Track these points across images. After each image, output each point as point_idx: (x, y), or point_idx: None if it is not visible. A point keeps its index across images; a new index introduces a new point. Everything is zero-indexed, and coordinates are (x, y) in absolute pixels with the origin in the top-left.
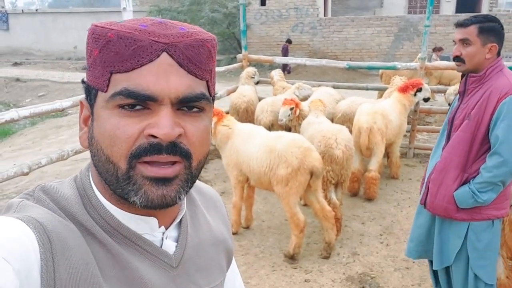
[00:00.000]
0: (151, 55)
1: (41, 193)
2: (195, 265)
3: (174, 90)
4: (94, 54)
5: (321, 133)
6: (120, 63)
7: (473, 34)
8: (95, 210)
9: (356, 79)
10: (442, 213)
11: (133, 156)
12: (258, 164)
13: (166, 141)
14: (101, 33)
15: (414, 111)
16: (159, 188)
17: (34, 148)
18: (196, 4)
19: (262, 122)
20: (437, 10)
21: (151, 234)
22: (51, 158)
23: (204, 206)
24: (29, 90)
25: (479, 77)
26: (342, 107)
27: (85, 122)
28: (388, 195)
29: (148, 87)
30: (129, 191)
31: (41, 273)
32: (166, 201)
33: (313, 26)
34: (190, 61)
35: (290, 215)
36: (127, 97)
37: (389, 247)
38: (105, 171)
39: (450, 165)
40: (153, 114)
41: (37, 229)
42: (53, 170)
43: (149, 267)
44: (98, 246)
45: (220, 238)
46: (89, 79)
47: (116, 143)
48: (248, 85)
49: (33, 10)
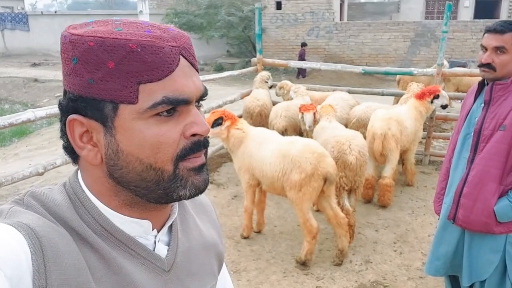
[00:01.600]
0: (176, 60)
1: (31, 198)
2: (186, 270)
3: (198, 89)
4: (109, 67)
5: (334, 138)
6: (149, 72)
7: (509, 42)
8: (89, 213)
9: (372, 84)
10: (480, 228)
11: (178, 157)
12: (271, 169)
13: (204, 136)
14: (117, 45)
15: (430, 118)
16: (201, 175)
17: (50, 148)
18: (213, 7)
19: (275, 127)
20: (454, 15)
21: (144, 238)
22: (66, 158)
23: (194, 210)
24: (46, 90)
25: (506, 84)
26: (357, 113)
27: (82, 139)
28: (403, 203)
29: (184, 91)
30: (177, 187)
31: (33, 279)
32: (206, 184)
33: (329, 30)
34: (195, 59)
35: (303, 221)
36: (169, 104)
37: (402, 255)
38: (141, 180)
39: (487, 178)
40: (183, 115)
41: (28, 235)
42: (68, 171)
43: (142, 271)
44: (90, 251)
45: (211, 243)
46: (97, 93)
47: (161, 149)
48: (262, 89)
49: (52, 12)
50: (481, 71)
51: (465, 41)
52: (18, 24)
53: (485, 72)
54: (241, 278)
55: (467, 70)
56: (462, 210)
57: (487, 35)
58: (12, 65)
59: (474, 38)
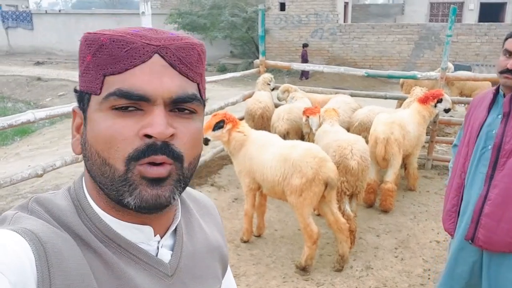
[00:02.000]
0: (143, 56)
1: (35, 204)
2: (190, 274)
3: (167, 90)
4: (87, 60)
5: (336, 142)
6: (113, 65)
7: None
8: (90, 220)
9: (376, 86)
10: (504, 248)
11: (131, 158)
12: (272, 173)
13: (160, 140)
14: (94, 39)
15: (434, 122)
16: (153, 188)
17: (52, 148)
18: (217, 8)
19: (277, 130)
20: (459, 18)
21: (146, 243)
22: (66, 160)
23: (198, 213)
24: (49, 89)
25: None
26: (359, 116)
27: (77, 130)
28: (404, 208)
29: (141, 87)
30: (124, 192)
31: (38, 285)
32: (160, 201)
33: (332, 32)
34: (182, 62)
35: (303, 226)
36: (121, 97)
37: (404, 261)
38: (101, 174)
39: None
40: (146, 115)
41: (32, 241)
42: (69, 171)
43: (145, 276)
44: (93, 256)
45: (215, 245)
46: (82, 85)
47: (113, 144)
48: (265, 91)
49: (56, 11)
50: (503, 77)
51: (469, 44)
52: (22, 22)
53: (508, 78)
54: (241, 283)
55: (471, 74)
56: (484, 230)
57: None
58: (16, 63)
59: (479, 42)
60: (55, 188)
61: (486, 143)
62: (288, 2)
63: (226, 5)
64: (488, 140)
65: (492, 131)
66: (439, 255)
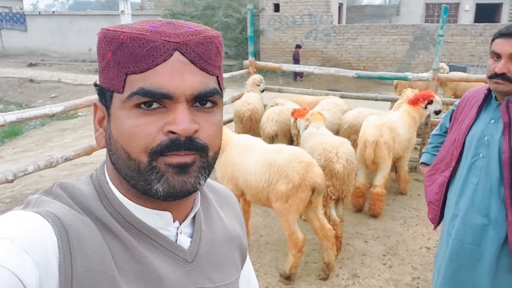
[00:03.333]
0: (164, 55)
1: (58, 189)
2: (209, 261)
3: (189, 87)
4: (107, 57)
5: (321, 145)
6: (135, 64)
7: None
8: (111, 205)
9: (369, 87)
10: None
11: (154, 152)
12: (256, 179)
13: (184, 136)
14: (113, 36)
15: (425, 124)
16: (180, 175)
17: (37, 150)
18: (210, 8)
19: (266, 131)
20: (455, 19)
21: (165, 229)
22: (39, 165)
23: (217, 203)
24: (42, 91)
25: None
26: (349, 118)
27: (99, 123)
28: (394, 212)
29: (163, 85)
30: (152, 180)
31: (59, 266)
32: (186, 187)
33: (327, 33)
34: (201, 58)
35: (288, 234)
36: (144, 95)
37: (392, 269)
38: (127, 167)
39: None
40: (169, 112)
41: (55, 223)
42: (51, 175)
43: (164, 261)
44: (114, 240)
45: (234, 235)
46: (103, 82)
47: (135, 139)
48: (254, 92)
49: (50, 12)
50: (493, 82)
51: (465, 45)
52: (16, 24)
53: (498, 84)
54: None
55: (464, 75)
56: None
57: (500, 40)
58: (9, 65)
59: (474, 42)
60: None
61: (478, 150)
62: (282, 3)
63: (219, 6)
64: (480, 148)
65: (484, 137)
66: (429, 262)
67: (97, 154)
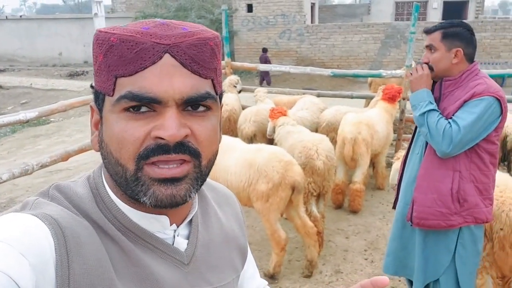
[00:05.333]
0: (153, 57)
1: (55, 191)
2: (206, 263)
3: (178, 91)
4: (99, 60)
5: (301, 143)
6: (124, 67)
7: (437, 40)
8: (108, 208)
9: (344, 86)
10: (437, 220)
11: (140, 157)
12: (236, 179)
13: (173, 142)
14: (104, 38)
15: (400, 120)
16: (168, 187)
17: (9, 158)
18: (183, 10)
19: (244, 132)
20: (423, 17)
21: (162, 232)
22: (13, 173)
23: (216, 202)
24: (11, 97)
25: (454, 80)
26: (327, 117)
27: (95, 126)
28: (373, 207)
29: (151, 89)
30: (138, 191)
31: (56, 268)
32: (175, 200)
33: (300, 33)
34: (193, 61)
35: (270, 233)
36: (132, 100)
37: (373, 264)
38: (115, 173)
39: (434, 167)
40: (158, 116)
41: (52, 225)
42: (25, 183)
43: (161, 264)
44: (111, 243)
45: (231, 236)
46: (97, 84)
47: (124, 145)
48: (231, 93)
49: (17, 16)
50: None
51: None
52: None
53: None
54: None
55: None
56: (416, 206)
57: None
58: None
59: None
60: (9, 201)
61: None
62: (255, 3)
63: (192, 7)
64: None
65: None
66: None
67: (72, 160)
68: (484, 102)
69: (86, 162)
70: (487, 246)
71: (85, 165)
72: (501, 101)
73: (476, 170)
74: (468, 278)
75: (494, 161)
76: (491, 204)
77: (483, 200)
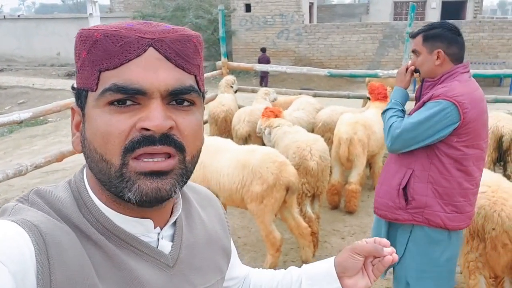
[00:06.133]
0: (138, 50)
1: (35, 196)
2: (190, 265)
3: (164, 83)
4: (83, 56)
5: (295, 144)
6: (108, 60)
7: (419, 44)
8: (90, 212)
9: (341, 86)
10: (385, 211)
11: (126, 150)
12: (230, 181)
13: (159, 133)
14: (87, 35)
15: None
16: (154, 181)
17: (5, 158)
18: (181, 10)
19: (238, 132)
20: (422, 17)
21: (146, 235)
22: (7, 173)
23: (199, 204)
24: (8, 97)
25: (433, 82)
26: (322, 117)
27: (77, 128)
28: (369, 208)
29: (137, 81)
30: (123, 188)
31: (37, 275)
32: (161, 194)
33: (298, 33)
34: (178, 55)
35: (265, 234)
36: (116, 92)
37: None
38: (99, 171)
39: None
40: (143, 109)
41: (32, 232)
42: (20, 184)
43: (146, 267)
44: (94, 248)
45: (214, 237)
46: (79, 82)
47: (109, 139)
48: (228, 93)
49: (15, 16)
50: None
51: None
52: None
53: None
54: None
55: None
56: (376, 196)
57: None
58: None
59: None
60: (4, 202)
61: None
62: (254, 3)
63: (190, 7)
64: None
65: None
66: None
67: (68, 161)
68: (438, 105)
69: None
70: (479, 246)
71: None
72: (458, 106)
73: (436, 172)
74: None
75: (461, 167)
76: (456, 212)
77: (444, 205)
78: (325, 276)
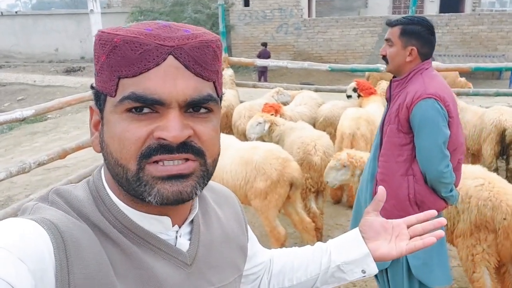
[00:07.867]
0: (157, 59)
1: (55, 196)
2: (207, 263)
3: (182, 93)
4: (102, 60)
5: (300, 139)
6: (127, 68)
7: (395, 35)
8: (109, 211)
9: (341, 80)
10: None
11: (142, 156)
12: (233, 177)
13: (176, 143)
14: (107, 39)
15: None
16: (173, 184)
17: (6, 156)
18: (179, 5)
19: (239, 128)
20: (421, 10)
21: (165, 233)
22: (11, 171)
23: (215, 203)
24: (7, 94)
25: (401, 80)
26: (324, 112)
27: (95, 127)
28: None
29: (155, 91)
30: (142, 192)
31: (56, 274)
32: (182, 197)
33: (297, 27)
34: (196, 63)
35: (269, 229)
36: (135, 101)
37: None
38: (115, 174)
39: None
40: (161, 117)
41: (51, 230)
42: (23, 181)
43: (164, 265)
44: (112, 246)
45: (231, 236)
46: (98, 85)
47: (125, 145)
48: (230, 89)
49: (13, 12)
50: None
51: None
52: None
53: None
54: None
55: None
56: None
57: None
58: None
59: (440, 32)
60: (7, 199)
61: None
62: None
63: (188, 2)
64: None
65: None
66: None
67: (71, 158)
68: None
69: (84, 159)
70: (488, 238)
71: (83, 162)
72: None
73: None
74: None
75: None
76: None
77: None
78: (351, 241)
